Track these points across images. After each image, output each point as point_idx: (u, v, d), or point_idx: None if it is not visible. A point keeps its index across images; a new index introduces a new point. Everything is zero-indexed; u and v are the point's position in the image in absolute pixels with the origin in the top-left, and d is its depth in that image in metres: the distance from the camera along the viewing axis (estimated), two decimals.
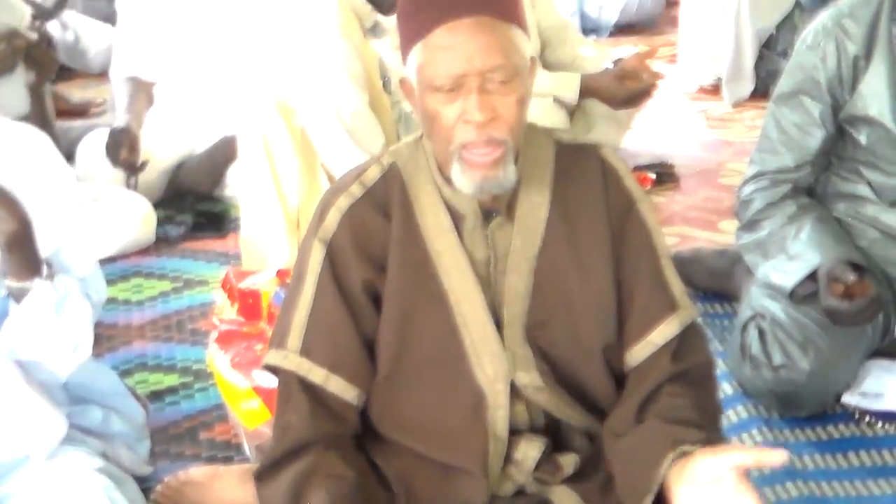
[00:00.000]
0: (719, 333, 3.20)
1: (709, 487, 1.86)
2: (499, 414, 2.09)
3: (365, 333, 2.09)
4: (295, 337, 2.08)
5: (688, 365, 2.10)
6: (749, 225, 2.95)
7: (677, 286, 2.14)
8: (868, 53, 2.82)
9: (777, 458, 1.86)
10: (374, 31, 3.25)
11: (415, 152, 2.13)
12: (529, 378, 2.10)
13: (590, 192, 2.13)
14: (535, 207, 2.11)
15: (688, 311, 2.13)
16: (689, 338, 2.12)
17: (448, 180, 2.07)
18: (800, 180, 2.92)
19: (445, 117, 1.99)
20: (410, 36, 2.02)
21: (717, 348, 3.06)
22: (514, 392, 2.10)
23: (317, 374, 2.07)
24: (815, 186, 2.98)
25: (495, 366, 2.09)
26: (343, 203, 2.10)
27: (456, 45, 1.96)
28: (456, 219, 2.10)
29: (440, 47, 1.97)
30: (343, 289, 2.07)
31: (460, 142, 2.00)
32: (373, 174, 2.12)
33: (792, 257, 2.83)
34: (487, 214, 2.10)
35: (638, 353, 2.11)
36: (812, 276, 2.79)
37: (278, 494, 2.02)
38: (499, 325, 2.10)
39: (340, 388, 2.08)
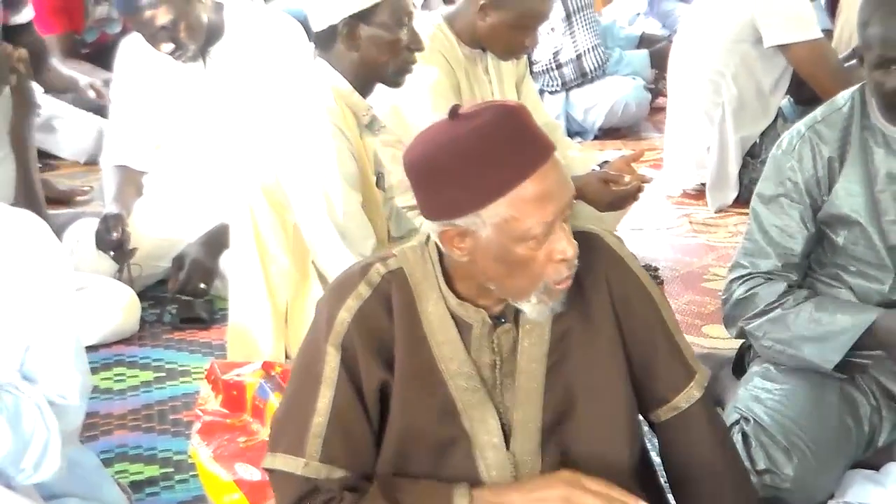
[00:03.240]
0: None
1: None
2: None
3: (374, 431, 2.11)
4: (314, 443, 2.07)
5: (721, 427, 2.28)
6: (761, 314, 2.94)
7: (689, 351, 2.24)
8: (842, 155, 2.89)
9: None
10: (370, 127, 3.26)
11: (420, 260, 2.13)
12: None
13: (591, 279, 2.15)
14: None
15: (703, 374, 2.23)
16: (708, 396, 2.25)
17: (456, 293, 2.10)
18: (790, 280, 2.95)
19: (538, 262, 2.02)
20: (484, 193, 1.97)
21: None
22: None
23: (336, 475, 2.08)
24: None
25: (499, 469, 2.10)
26: (352, 304, 2.09)
27: (551, 191, 1.98)
28: (461, 328, 2.11)
29: (536, 198, 1.97)
30: (360, 392, 2.08)
31: (554, 280, 2.03)
32: (378, 274, 2.12)
33: (828, 328, 2.84)
34: (495, 320, 2.11)
35: (663, 415, 2.22)
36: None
37: None
38: (508, 430, 2.11)
39: (356, 481, 2.10)
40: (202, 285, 4.02)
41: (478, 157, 1.97)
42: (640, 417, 2.25)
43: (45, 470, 2.33)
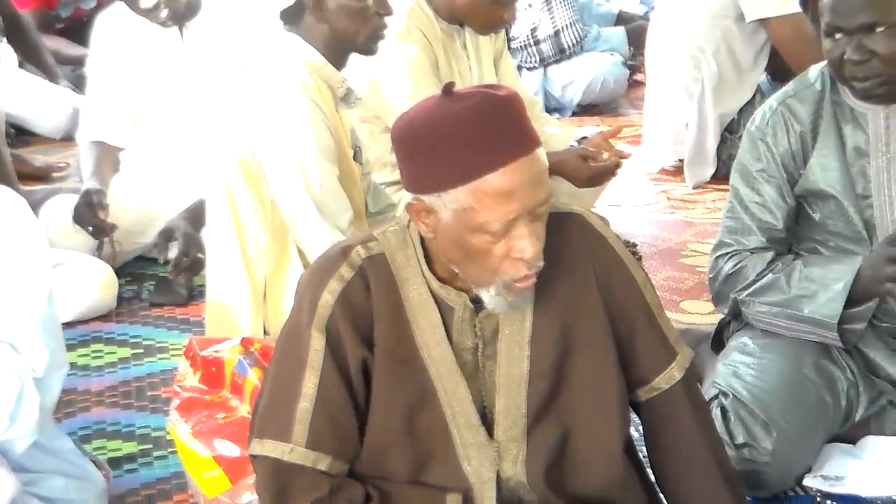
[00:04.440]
0: None
1: None
2: None
3: (359, 411, 2.10)
4: (301, 430, 2.07)
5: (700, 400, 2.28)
6: (752, 283, 2.94)
7: (671, 332, 2.23)
8: (814, 130, 2.90)
9: None
10: (345, 99, 3.24)
11: (402, 244, 2.11)
12: (514, 471, 2.11)
13: (575, 261, 2.13)
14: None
15: (685, 355, 2.23)
16: (690, 376, 2.24)
17: (438, 276, 2.09)
18: (778, 252, 2.96)
19: (495, 255, 1.99)
20: (448, 176, 1.95)
21: None
22: (503, 485, 2.11)
23: (322, 463, 2.07)
24: None
25: (480, 458, 2.10)
26: (335, 287, 2.08)
27: (514, 190, 1.93)
28: (444, 311, 2.10)
29: (496, 194, 1.93)
30: (345, 375, 2.07)
31: (511, 277, 2.00)
32: (359, 255, 2.10)
33: (822, 283, 2.84)
34: (476, 305, 2.10)
35: (643, 396, 2.22)
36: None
37: None
38: (490, 415, 2.11)
39: (341, 468, 2.09)
40: (200, 255, 3.99)
41: (451, 140, 1.94)
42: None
43: (22, 423, 2.31)
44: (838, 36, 2.77)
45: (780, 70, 5.03)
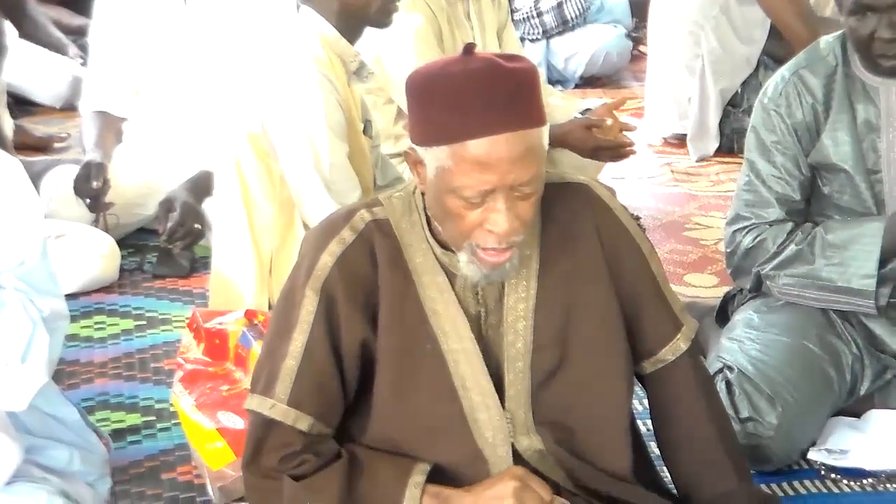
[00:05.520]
0: None
1: None
2: None
3: (347, 387, 2.09)
4: (284, 387, 2.06)
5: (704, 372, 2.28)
6: (774, 255, 2.92)
7: (677, 303, 2.23)
8: (827, 103, 2.89)
9: None
10: (358, 73, 3.23)
11: (407, 209, 2.09)
12: (529, 442, 2.10)
13: (581, 231, 2.12)
14: (525, 260, 2.09)
15: (690, 326, 2.23)
16: (695, 347, 2.25)
17: (441, 243, 2.07)
18: (797, 223, 2.95)
19: (467, 221, 1.97)
20: (435, 133, 1.95)
21: None
22: (520, 458, 2.10)
23: (303, 423, 2.06)
24: None
25: (494, 430, 2.08)
26: (335, 249, 2.06)
27: (491, 162, 1.91)
28: (449, 277, 2.08)
29: (473, 161, 1.91)
30: (335, 345, 2.06)
31: (478, 244, 1.98)
32: (363, 219, 2.09)
33: (848, 250, 2.84)
34: None
35: (649, 367, 2.22)
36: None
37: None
38: (500, 385, 2.09)
39: (322, 429, 2.09)
40: (197, 226, 3.98)
41: (445, 99, 1.93)
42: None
43: (33, 364, 2.30)
44: (867, 14, 2.75)
45: (778, 50, 5.03)
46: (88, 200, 4.06)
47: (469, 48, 1.98)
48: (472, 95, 1.92)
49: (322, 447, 2.08)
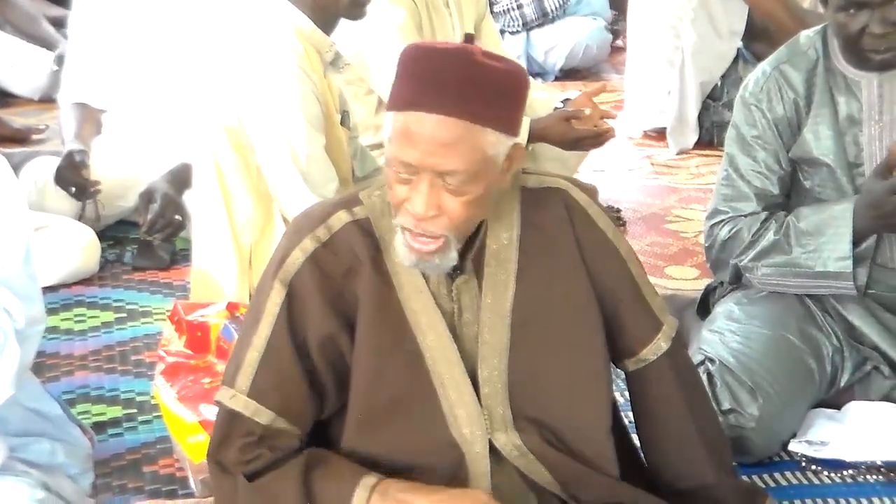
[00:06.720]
0: None
1: None
2: (481, 482, 2.08)
3: (315, 385, 2.07)
4: (245, 377, 2.06)
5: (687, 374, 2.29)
6: (750, 246, 2.93)
7: (657, 303, 2.23)
8: (808, 97, 2.91)
9: None
10: (334, 64, 3.22)
11: (388, 208, 2.08)
12: (507, 438, 2.10)
13: (559, 234, 2.13)
14: (503, 262, 2.10)
15: (671, 325, 2.23)
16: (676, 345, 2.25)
17: None
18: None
19: (396, 194, 1.98)
20: (392, 100, 1.98)
21: None
22: (499, 455, 2.10)
23: (263, 416, 2.05)
24: None
25: (472, 426, 2.08)
26: (308, 245, 2.06)
27: (417, 137, 1.92)
28: (424, 275, 2.08)
29: (402, 132, 1.94)
30: (298, 340, 2.05)
31: (400, 222, 1.99)
32: (340, 220, 2.08)
33: (821, 234, 2.84)
34: (453, 271, 2.08)
35: (631, 366, 2.23)
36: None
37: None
38: (476, 382, 2.09)
39: (285, 426, 2.07)
40: (177, 217, 3.97)
41: (412, 70, 1.96)
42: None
43: (2, 365, 2.29)
44: (857, 11, 2.75)
45: (756, 44, 5.05)
46: (73, 189, 4.04)
47: (470, 37, 2.02)
48: (432, 72, 1.94)
49: (280, 442, 2.06)
